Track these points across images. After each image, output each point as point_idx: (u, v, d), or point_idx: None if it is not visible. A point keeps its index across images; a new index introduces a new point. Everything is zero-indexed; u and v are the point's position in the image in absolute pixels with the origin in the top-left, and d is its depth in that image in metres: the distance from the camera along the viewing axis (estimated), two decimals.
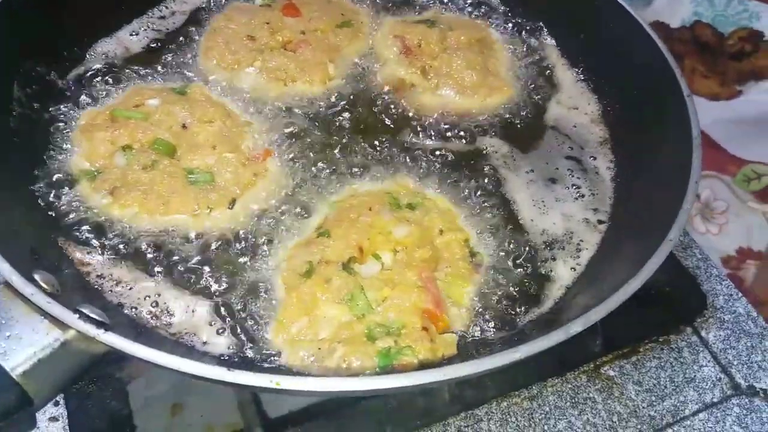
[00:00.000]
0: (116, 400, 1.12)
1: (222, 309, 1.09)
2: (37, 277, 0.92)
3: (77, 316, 0.86)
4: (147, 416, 1.19)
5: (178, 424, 1.23)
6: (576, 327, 0.93)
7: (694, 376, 1.26)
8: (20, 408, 0.82)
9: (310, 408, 1.13)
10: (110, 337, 0.84)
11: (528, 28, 1.61)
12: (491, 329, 1.10)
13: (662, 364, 1.27)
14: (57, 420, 1.10)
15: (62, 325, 0.87)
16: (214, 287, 1.11)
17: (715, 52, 2.17)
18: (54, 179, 1.21)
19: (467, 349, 1.06)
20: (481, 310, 1.11)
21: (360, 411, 1.13)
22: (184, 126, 1.27)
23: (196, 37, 1.51)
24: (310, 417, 1.12)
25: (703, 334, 1.32)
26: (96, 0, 1.45)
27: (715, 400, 1.23)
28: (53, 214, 1.17)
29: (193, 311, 1.08)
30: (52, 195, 1.19)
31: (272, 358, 1.02)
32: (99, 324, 0.86)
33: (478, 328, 1.10)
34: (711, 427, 1.20)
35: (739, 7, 2.22)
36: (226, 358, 1.02)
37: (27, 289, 0.88)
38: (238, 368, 0.82)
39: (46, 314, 0.87)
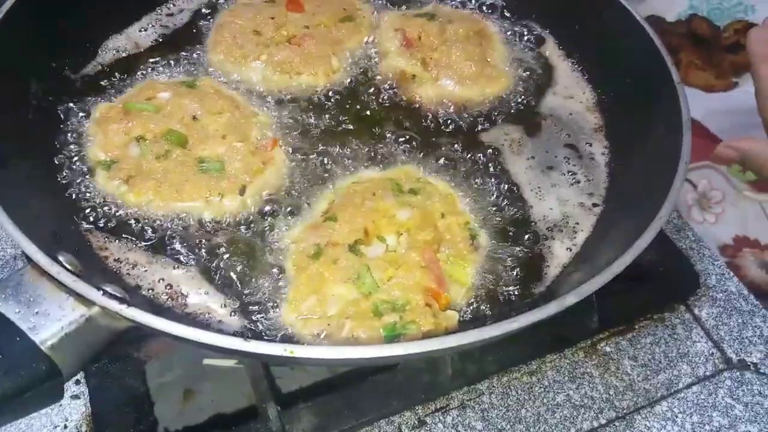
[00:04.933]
0: (134, 378, 1.17)
1: (235, 291, 1.14)
2: (61, 258, 0.97)
3: (101, 293, 0.91)
4: (161, 401, 1.24)
5: (190, 408, 1.28)
6: (570, 299, 0.97)
7: (688, 351, 1.31)
8: (50, 378, 0.87)
9: (321, 383, 1.19)
10: (132, 312, 0.89)
11: (524, 20, 1.66)
12: (492, 306, 1.15)
13: (657, 340, 1.32)
14: (78, 398, 1.15)
15: (87, 302, 0.93)
16: (227, 270, 1.16)
17: (711, 45, 2.21)
18: (72, 169, 1.26)
19: (469, 326, 1.11)
20: (482, 288, 1.17)
21: (368, 386, 1.18)
22: (194, 117, 1.32)
23: (204, 33, 1.57)
24: (321, 392, 1.17)
25: (696, 311, 1.37)
26: None
27: (707, 373, 1.28)
28: (72, 202, 1.22)
29: (206, 293, 1.13)
30: (70, 184, 1.24)
31: (285, 335, 1.07)
32: (121, 300, 0.91)
33: (479, 306, 1.15)
34: (704, 399, 1.25)
35: (735, 0, 2.26)
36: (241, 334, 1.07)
37: (53, 268, 0.93)
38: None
39: (71, 292, 0.93)
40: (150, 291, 1.11)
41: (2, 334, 0.88)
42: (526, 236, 1.25)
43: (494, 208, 1.29)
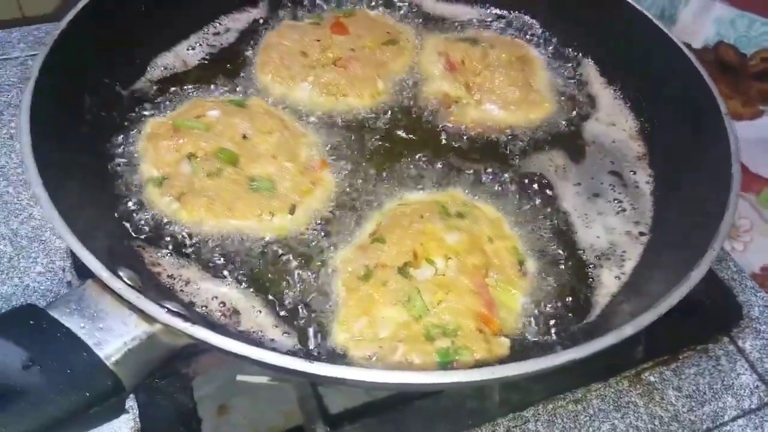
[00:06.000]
0: (182, 394, 1.17)
1: (286, 310, 1.14)
2: (121, 273, 0.98)
3: (165, 311, 0.91)
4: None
5: (224, 424, 1.28)
6: (628, 330, 0.97)
7: (732, 383, 1.30)
8: (115, 394, 0.88)
9: (367, 405, 1.18)
10: (197, 330, 0.90)
11: (566, 48, 1.68)
12: (541, 334, 1.15)
13: (701, 371, 1.31)
14: (128, 412, 1.15)
15: (150, 319, 0.93)
16: (278, 289, 1.17)
17: (738, 73, 2.22)
18: (124, 185, 1.28)
19: (519, 352, 1.11)
20: (531, 315, 1.17)
21: (415, 409, 1.17)
22: (244, 136, 1.34)
23: (249, 53, 1.59)
24: (367, 413, 1.17)
25: (739, 343, 1.36)
26: (155, 17, 1.52)
27: (753, 406, 1.27)
28: (124, 218, 1.24)
29: (258, 311, 1.14)
30: (123, 200, 1.26)
31: (336, 356, 1.08)
32: (185, 318, 0.91)
33: (529, 333, 1.15)
34: None
35: (762, 28, 2.26)
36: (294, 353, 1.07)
37: (116, 284, 0.93)
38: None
39: (134, 308, 0.93)
40: (204, 308, 1.12)
41: (70, 348, 0.89)
42: (574, 263, 1.25)
43: (541, 234, 1.29)
